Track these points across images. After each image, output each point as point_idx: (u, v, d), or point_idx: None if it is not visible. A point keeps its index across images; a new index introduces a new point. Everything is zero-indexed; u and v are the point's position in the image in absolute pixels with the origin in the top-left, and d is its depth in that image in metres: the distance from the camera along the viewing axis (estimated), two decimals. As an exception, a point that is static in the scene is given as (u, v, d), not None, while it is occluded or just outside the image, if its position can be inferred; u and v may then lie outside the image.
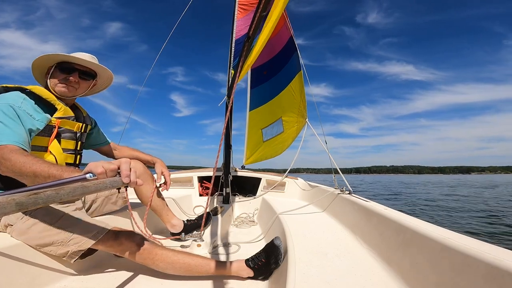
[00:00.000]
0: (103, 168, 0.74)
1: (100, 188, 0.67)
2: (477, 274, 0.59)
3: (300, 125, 2.87)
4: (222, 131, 1.36)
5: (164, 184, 1.49)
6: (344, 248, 1.11)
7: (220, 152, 1.26)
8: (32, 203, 0.47)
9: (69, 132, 1.19)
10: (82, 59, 1.17)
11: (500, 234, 4.55)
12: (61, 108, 1.13)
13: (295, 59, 2.87)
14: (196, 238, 1.47)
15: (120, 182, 0.75)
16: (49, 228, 0.96)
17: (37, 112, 1.04)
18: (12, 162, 0.82)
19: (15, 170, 0.82)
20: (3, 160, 0.83)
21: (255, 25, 1.17)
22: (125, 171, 0.77)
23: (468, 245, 0.66)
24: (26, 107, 1.01)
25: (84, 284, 1.00)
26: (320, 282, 0.80)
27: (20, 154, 0.84)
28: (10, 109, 0.95)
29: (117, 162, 0.79)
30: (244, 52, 1.42)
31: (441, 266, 0.71)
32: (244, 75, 1.61)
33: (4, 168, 0.84)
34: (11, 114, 0.94)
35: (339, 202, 1.67)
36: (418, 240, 0.83)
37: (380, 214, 1.13)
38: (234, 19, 2.53)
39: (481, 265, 0.59)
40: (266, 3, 1.01)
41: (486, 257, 0.59)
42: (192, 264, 1.03)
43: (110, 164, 0.76)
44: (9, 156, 0.83)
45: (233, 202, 2.28)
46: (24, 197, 0.46)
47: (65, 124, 1.16)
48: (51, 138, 1.09)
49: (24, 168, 0.81)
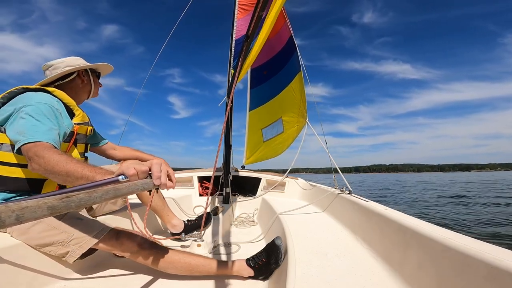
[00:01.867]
0: (135, 170, 0.73)
1: (132, 190, 0.65)
2: (477, 274, 0.59)
3: (301, 125, 2.86)
4: (221, 131, 1.36)
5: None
6: (344, 248, 1.11)
7: (219, 152, 1.26)
8: (65, 207, 0.45)
9: (82, 137, 1.20)
10: (111, 68, 1.37)
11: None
12: (79, 114, 1.15)
13: (295, 59, 2.87)
14: (196, 238, 1.47)
15: (152, 184, 0.74)
16: (50, 228, 0.96)
17: (66, 117, 1.06)
18: (46, 159, 0.81)
19: (47, 168, 0.81)
20: (36, 157, 0.81)
21: (254, 25, 1.17)
22: (156, 172, 0.76)
23: (468, 245, 0.66)
24: (61, 110, 1.03)
25: (84, 284, 1.00)
26: (320, 282, 0.80)
27: (54, 152, 0.83)
28: (48, 108, 0.96)
29: (148, 163, 0.77)
30: (243, 51, 1.42)
31: (441, 266, 0.71)
32: (244, 75, 1.61)
33: (36, 165, 0.82)
34: (48, 113, 0.95)
35: (339, 202, 1.67)
36: (418, 240, 0.83)
37: (380, 214, 1.13)
38: (234, 19, 2.53)
39: (481, 265, 0.59)
40: (264, 3, 1.01)
41: (486, 257, 0.59)
42: (193, 264, 1.03)
43: (141, 166, 0.75)
44: (43, 154, 0.81)
45: (233, 202, 2.28)
46: (56, 200, 0.43)
47: (81, 130, 1.17)
48: (70, 144, 1.11)
49: (58, 166, 0.80)
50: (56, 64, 1.17)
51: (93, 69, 1.30)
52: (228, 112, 2.22)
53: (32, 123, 0.90)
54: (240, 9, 2.55)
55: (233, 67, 2.13)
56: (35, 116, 0.91)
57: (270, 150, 3.30)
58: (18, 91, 1.02)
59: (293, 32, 2.83)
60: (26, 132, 0.87)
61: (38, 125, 0.90)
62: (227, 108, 1.84)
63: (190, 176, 2.79)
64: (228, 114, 1.73)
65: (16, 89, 1.03)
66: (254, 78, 3.43)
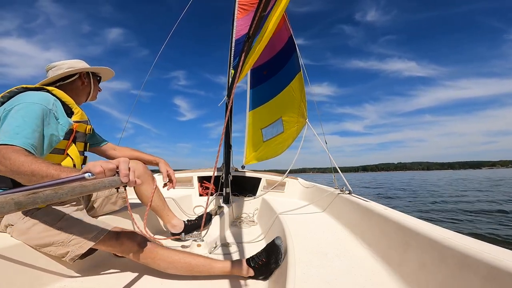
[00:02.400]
0: (102, 168, 0.74)
1: (99, 188, 0.67)
2: (477, 274, 0.59)
3: (301, 125, 2.86)
4: (222, 131, 1.36)
5: (170, 182, 1.49)
6: (344, 248, 1.11)
7: (220, 152, 1.26)
8: (31, 203, 0.46)
9: (81, 135, 1.21)
10: (112, 73, 1.42)
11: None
12: (78, 112, 1.16)
13: (295, 59, 2.87)
14: (196, 238, 1.47)
15: (119, 181, 0.75)
16: (50, 229, 0.96)
17: (63, 116, 1.06)
18: (12, 161, 0.81)
19: (13, 169, 0.81)
20: (3, 159, 0.82)
21: (255, 25, 1.17)
22: (123, 170, 0.76)
23: (468, 245, 0.66)
24: (56, 110, 1.02)
25: (84, 284, 1.00)
26: (320, 282, 0.80)
27: (21, 154, 0.83)
28: (39, 109, 0.96)
29: (116, 161, 0.78)
30: (244, 52, 1.42)
31: (441, 266, 0.71)
32: (244, 75, 1.61)
33: (2, 167, 0.82)
34: (37, 114, 0.94)
35: (339, 202, 1.67)
36: (418, 240, 0.83)
37: (380, 214, 1.13)
38: (234, 19, 2.53)
39: (481, 265, 0.59)
40: (266, 3, 1.01)
41: (486, 257, 0.59)
42: (193, 264, 1.04)
43: (108, 164, 0.76)
44: (9, 155, 0.82)
45: (233, 202, 2.28)
46: (23, 196, 0.45)
47: (80, 128, 1.18)
48: (69, 141, 1.11)
49: (23, 167, 0.80)
50: (59, 65, 1.19)
51: (94, 73, 1.32)
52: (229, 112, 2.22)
53: (17, 124, 0.89)
54: (240, 9, 2.56)
55: (233, 67, 2.13)
56: (23, 116, 0.91)
57: (270, 150, 3.29)
58: (18, 90, 1.03)
59: (293, 32, 2.83)
60: (8, 132, 0.87)
61: (22, 126, 0.89)
62: (227, 108, 1.84)
63: (190, 176, 2.79)
64: (228, 114, 1.73)
65: (17, 88, 1.03)
66: (254, 78, 3.43)
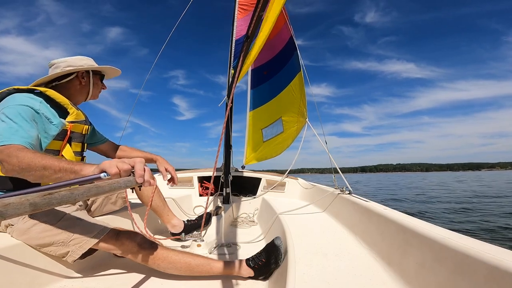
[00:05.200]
0: (117, 168, 0.72)
1: (115, 188, 0.65)
2: (477, 274, 0.59)
3: (300, 125, 2.86)
4: (221, 131, 1.36)
5: (171, 180, 1.42)
6: (344, 248, 1.11)
7: (220, 152, 1.26)
8: (46, 204, 0.45)
9: (78, 135, 1.19)
10: (118, 72, 1.39)
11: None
12: (73, 112, 1.13)
13: (295, 59, 2.87)
14: (196, 238, 1.47)
15: (134, 182, 0.74)
16: (50, 229, 0.96)
17: (54, 117, 1.04)
18: (20, 158, 0.79)
19: (22, 166, 0.79)
20: (9, 158, 0.80)
21: (253, 25, 1.17)
22: (139, 170, 0.76)
23: (468, 245, 0.65)
24: (44, 111, 1.01)
25: (84, 284, 1.00)
26: (320, 282, 0.80)
27: (27, 151, 0.82)
28: (27, 110, 0.95)
29: (131, 161, 0.77)
30: (243, 52, 1.43)
31: (441, 266, 0.71)
32: (244, 75, 1.61)
33: (9, 165, 0.80)
34: (26, 115, 0.93)
35: (339, 202, 1.67)
36: (418, 240, 0.83)
37: (380, 214, 1.13)
38: (234, 19, 2.53)
39: (481, 265, 0.59)
40: (264, 3, 1.01)
41: (486, 257, 0.59)
42: (193, 264, 1.03)
43: (124, 164, 0.74)
44: (15, 153, 0.80)
45: (233, 202, 2.28)
46: (38, 197, 0.44)
47: (76, 128, 1.16)
48: (63, 142, 1.09)
49: (33, 162, 0.79)
50: (58, 63, 1.16)
51: (96, 71, 1.28)
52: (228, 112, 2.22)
53: (8, 125, 0.88)
54: (240, 9, 2.56)
55: (233, 67, 2.13)
56: (13, 118, 0.90)
57: (270, 150, 3.30)
58: (9, 92, 1.01)
59: (293, 32, 2.83)
60: (3, 134, 0.86)
61: (14, 127, 0.88)
62: (227, 108, 1.84)
63: (190, 176, 2.79)
64: (228, 114, 1.73)
65: (8, 89, 1.02)
66: (254, 79, 3.44)
